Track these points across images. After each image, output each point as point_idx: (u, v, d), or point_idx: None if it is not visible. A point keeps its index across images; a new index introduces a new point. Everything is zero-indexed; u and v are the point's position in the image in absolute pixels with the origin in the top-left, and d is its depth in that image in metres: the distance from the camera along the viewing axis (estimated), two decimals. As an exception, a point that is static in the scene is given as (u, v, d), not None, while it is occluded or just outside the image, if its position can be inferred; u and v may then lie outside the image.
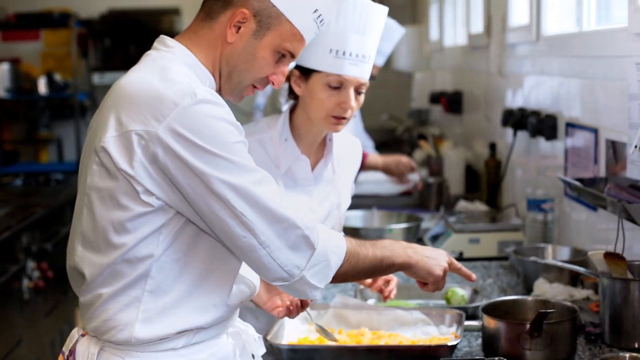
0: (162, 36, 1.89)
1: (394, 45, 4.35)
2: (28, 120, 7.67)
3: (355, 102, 2.42)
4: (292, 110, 2.51)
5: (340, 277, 1.88)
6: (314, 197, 2.51)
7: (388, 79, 8.06)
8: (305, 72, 2.41)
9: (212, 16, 1.84)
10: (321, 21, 1.90)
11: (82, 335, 1.86)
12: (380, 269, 1.96)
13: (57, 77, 7.40)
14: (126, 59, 7.41)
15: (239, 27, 1.83)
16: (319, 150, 2.54)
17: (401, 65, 7.43)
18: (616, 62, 2.66)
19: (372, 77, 3.07)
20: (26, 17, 7.64)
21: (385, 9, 2.47)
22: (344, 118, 2.41)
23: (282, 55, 1.88)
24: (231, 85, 1.89)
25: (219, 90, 1.90)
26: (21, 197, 4.99)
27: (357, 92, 2.43)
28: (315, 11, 1.88)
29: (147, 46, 1.91)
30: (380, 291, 2.58)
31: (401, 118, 7.13)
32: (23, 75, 7.23)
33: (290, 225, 1.76)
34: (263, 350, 2.09)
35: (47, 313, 4.69)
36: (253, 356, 2.03)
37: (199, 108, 1.71)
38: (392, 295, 2.57)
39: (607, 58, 2.81)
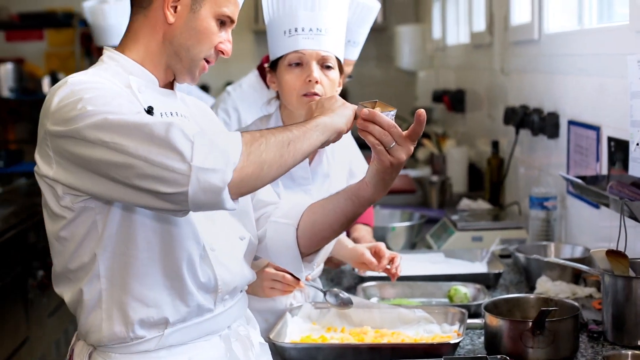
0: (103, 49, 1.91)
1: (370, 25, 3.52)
2: (32, 120, 7.66)
3: (323, 77, 2.37)
4: (281, 109, 2.52)
5: (251, 175, 1.65)
6: (313, 194, 2.50)
7: (391, 77, 8.06)
8: (273, 66, 2.43)
9: (144, 5, 1.86)
10: None
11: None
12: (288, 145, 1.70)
13: (61, 76, 7.40)
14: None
15: (176, 7, 1.84)
16: None
17: (404, 64, 7.43)
18: (618, 60, 2.66)
19: (349, 76, 2.99)
20: (30, 17, 7.65)
21: None
22: (315, 94, 2.36)
23: (223, 22, 1.88)
24: (183, 65, 1.88)
25: (173, 78, 1.91)
26: (25, 197, 4.99)
27: (325, 66, 2.39)
28: None
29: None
30: (387, 271, 2.58)
31: (405, 117, 7.12)
32: (27, 75, 7.24)
33: (155, 125, 1.63)
34: (267, 357, 2.07)
35: (52, 312, 4.69)
36: None
37: (65, 87, 1.72)
38: (399, 272, 2.57)
39: (608, 55, 2.81)
